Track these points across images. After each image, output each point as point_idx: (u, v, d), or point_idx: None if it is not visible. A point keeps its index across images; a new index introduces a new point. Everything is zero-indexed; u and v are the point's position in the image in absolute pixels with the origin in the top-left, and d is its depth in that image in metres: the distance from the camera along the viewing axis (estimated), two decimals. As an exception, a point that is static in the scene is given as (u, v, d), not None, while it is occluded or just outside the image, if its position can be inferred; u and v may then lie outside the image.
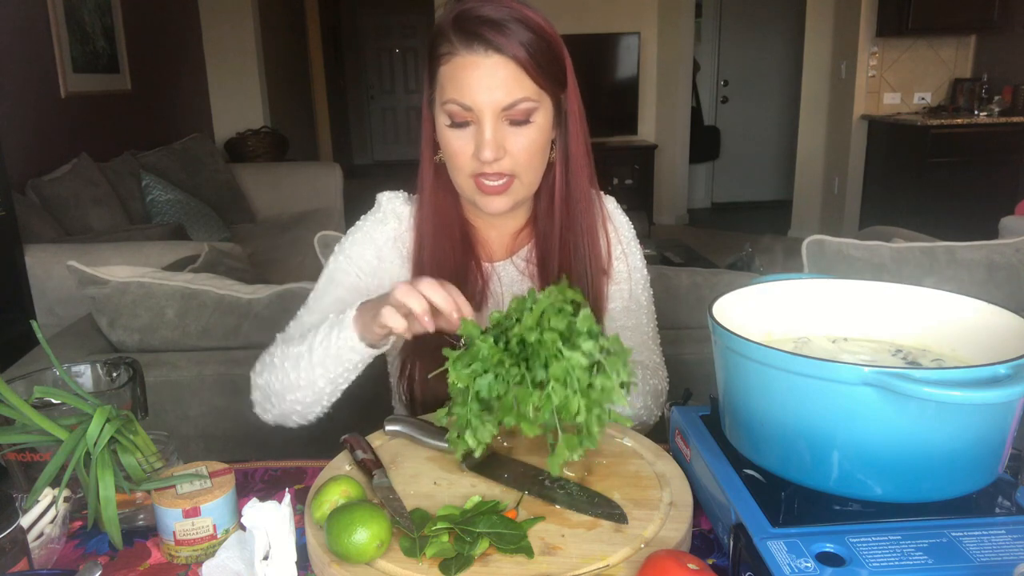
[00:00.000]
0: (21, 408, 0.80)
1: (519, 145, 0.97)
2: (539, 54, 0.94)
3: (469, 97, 0.94)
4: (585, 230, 1.08)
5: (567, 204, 1.06)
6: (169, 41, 4.99)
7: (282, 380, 0.97)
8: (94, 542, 0.83)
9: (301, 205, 4.68)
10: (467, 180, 1.00)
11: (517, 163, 0.98)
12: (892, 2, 4.92)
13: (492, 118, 0.94)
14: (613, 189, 5.82)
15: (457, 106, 0.95)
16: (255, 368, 1.04)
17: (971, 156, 4.72)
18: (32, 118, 3.34)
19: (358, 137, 10.11)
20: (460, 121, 0.96)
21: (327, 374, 0.94)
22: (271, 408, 1.02)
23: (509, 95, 0.94)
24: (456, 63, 0.94)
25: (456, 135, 0.97)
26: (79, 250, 2.55)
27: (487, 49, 0.92)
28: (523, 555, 0.69)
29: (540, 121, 0.97)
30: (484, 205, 1.01)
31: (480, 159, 0.96)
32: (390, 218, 1.11)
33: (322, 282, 1.10)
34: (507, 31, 0.92)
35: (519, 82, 0.94)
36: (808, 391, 0.67)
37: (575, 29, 5.57)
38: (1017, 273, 1.66)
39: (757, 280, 0.89)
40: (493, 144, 0.95)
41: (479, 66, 0.93)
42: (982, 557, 0.63)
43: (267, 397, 1.01)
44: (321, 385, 0.95)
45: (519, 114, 0.95)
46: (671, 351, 1.62)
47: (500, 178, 0.98)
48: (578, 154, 1.05)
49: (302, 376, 0.95)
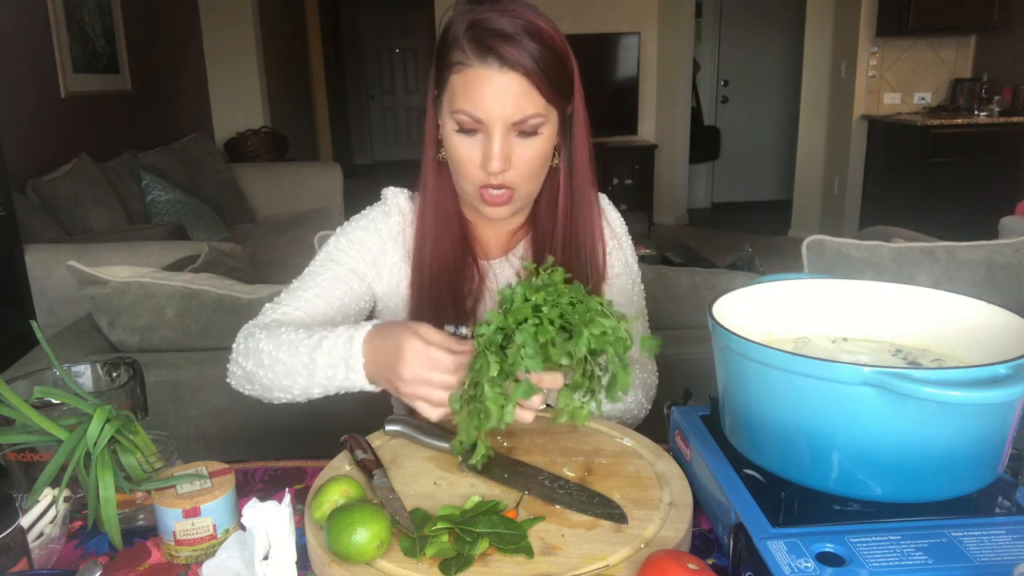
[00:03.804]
0: (21, 408, 0.80)
1: (525, 157, 0.98)
2: (550, 69, 0.95)
3: (481, 111, 0.94)
4: (586, 237, 1.08)
5: (571, 211, 1.07)
6: (169, 41, 4.99)
7: (271, 379, 0.95)
8: (94, 542, 0.83)
9: (301, 205, 4.68)
10: (473, 188, 1.00)
11: (519, 174, 0.99)
12: (892, 2, 4.92)
13: (501, 131, 0.95)
14: (613, 189, 5.82)
15: (467, 117, 0.95)
16: (238, 344, 1.00)
17: (971, 156, 4.72)
18: (32, 118, 3.34)
19: (358, 137, 10.11)
20: (469, 128, 0.97)
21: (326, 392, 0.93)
22: (251, 390, 1.00)
23: (520, 111, 0.94)
24: (469, 75, 0.94)
25: (463, 142, 0.98)
26: (79, 250, 2.55)
27: (501, 64, 0.92)
28: (523, 555, 0.69)
29: (547, 133, 0.99)
30: (486, 213, 1.03)
31: (487, 170, 0.96)
32: (394, 212, 1.12)
33: (320, 258, 1.09)
34: (521, 45, 0.92)
35: (530, 98, 0.94)
36: (808, 391, 0.67)
37: (575, 29, 5.57)
38: (1017, 273, 1.66)
39: (757, 280, 0.89)
40: (501, 156, 0.95)
41: (492, 80, 0.93)
42: (982, 557, 0.63)
43: (250, 381, 0.98)
44: (316, 393, 0.94)
45: (528, 128, 0.96)
46: (671, 351, 1.63)
47: (502, 189, 0.99)
48: (582, 162, 1.06)
49: (296, 386, 0.93)
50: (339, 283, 1.07)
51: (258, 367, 0.96)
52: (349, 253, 1.09)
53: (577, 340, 0.74)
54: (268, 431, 1.58)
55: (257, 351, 0.96)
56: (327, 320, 1.04)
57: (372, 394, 0.92)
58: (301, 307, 1.04)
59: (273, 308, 1.04)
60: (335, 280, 1.07)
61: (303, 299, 1.04)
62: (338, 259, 1.08)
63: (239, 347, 1.00)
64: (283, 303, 1.05)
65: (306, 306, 1.04)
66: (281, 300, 1.06)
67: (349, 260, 1.08)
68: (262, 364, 0.95)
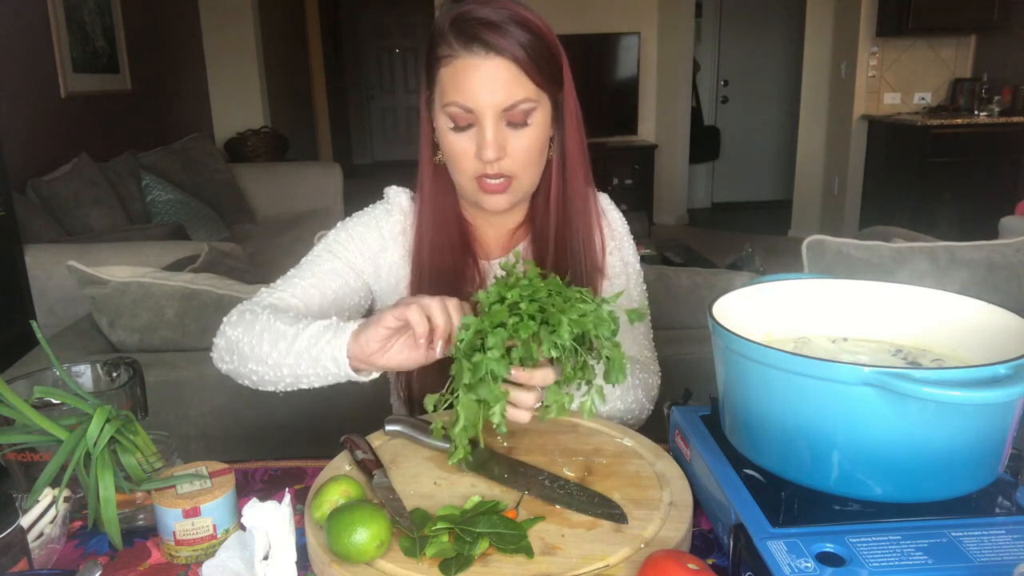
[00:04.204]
0: (21, 408, 0.80)
1: (519, 146, 0.98)
2: (537, 54, 0.95)
3: (471, 99, 0.95)
4: (581, 228, 1.09)
5: (563, 202, 1.08)
6: (169, 41, 4.99)
7: (252, 346, 0.94)
8: (94, 542, 0.83)
9: (301, 205, 4.68)
10: (470, 181, 1.01)
11: (516, 164, 0.99)
12: (892, 2, 4.92)
13: (493, 119, 0.95)
14: (613, 189, 5.82)
15: (458, 108, 0.96)
16: (231, 316, 1.00)
17: (971, 156, 4.72)
18: (32, 118, 3.34)
19: (358, 137, 10.10)
20: (463, 124, 0.97)
21: (297, 368, 0.91)
22: (229, 362, 0.99)
23: (510, 96, 0.95)
24: (456, 65, 0.95)
25: (458, 139, 0.98)
26: (79, 250, 2.55)
27: (487, 51, 0.93)
28: (523, 555, 0.69)
29: (539, 121, 0.99)
30: (485, 203, 1.02)
31: (482, 159, 0.97)
32: (396, 211, 1.12)
33: (318, 250, 1.09)
34: (506, 33, 0.93)
35: (519, 82, 0.95)
36: (808, 391, 0.67)
37: (575, 29, 5.57)
38: (1017, 273, 1.66)
39: (757, 280, 0.89)
40: (495, 144, 0.96)
41: (479, 68, 0.94)
42: (982, 557, 0.63)
43: (230, 351, 0.97)
44: (284, 373, 0.92)
45: (519, 116, 0.96)
46: (671, 351, 1.63)
47: (500, 178, 0.99)
48: (574, 152, 1.06)
49: (272, 354, 0.92)
50: (335, 276, 1.07)
51: (245, 333, 0.95)
52: (348, 247, 1.09)
53: (559, 329, 0.75)
54: (268, 431, 1.58)
55: (250, 323, 0.96)
56: (321, 311, 1.04)
57: (372, 394, 0.92)
58: (297, 294, 1.03)
59: (269, 292, 1.04)
60: (331, 272, 1.07)
61: (299, 287, 1.04)
62: (336, 252, 1.08)
63: (231, 319, 0.99)
64: (279, 288, 1.04)
65: (302, 294, 1.03)
66: (277, 286, 1.05)
67: (347, 255, 1.08)
68: (251, 328, 0.95)
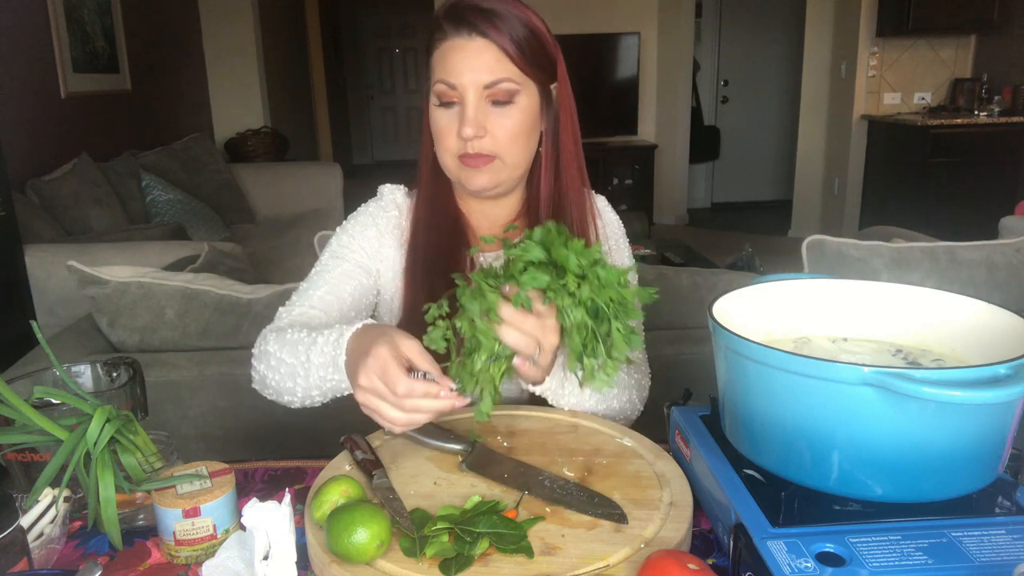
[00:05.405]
0: (21, 408, 0.80)
1: (502, 127, 1.01)
2: (524, 41, 0.99)
3: (454, 76, 0.99)
4: (574, 223, 1.09)
5: (557, 196, 1.09)
6: (169, 41, 4.99)
7: (277, 382, 0.95)
8: (94, 542, 0.83)
9: (301, 205, 4.68)
10: (452, 159, 1.04)
11: (498, 144, 1.02)
12: (892, 2, 4.92)
13: (475, 96, 0.99)
14: (613, 189, 5.82)
15: (444, 85, 1.00)
16: (255, 349, 1.00)
17: (971, 156, 4.72)
18: (32, 118, 3.34)
19: (358, 137, 10.11)
20: (446, 101, 1.01)
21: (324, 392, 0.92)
22: (269, 395, 1.00)
23: (491, 74, 0.99)
24: (445, 47, 1.01)
25: (442, 114, 1.02)
26: (79, 250, 2.55)
27: (472, 32, 0.99)
28: (523, 555, 0.69)
29: (524, 104, 1.02)
30: (467, 181, 1.04)
31: (462, 136, 1.00)
32: (391, 207, 1.14)
33: (325, 258, 1.10)
34: (494, 17, 0.98)
35: (501, 64, 0.99)
36: (808, 391, 0.67)
37: (575, 29, 5.56)
38: (1017, 273, 1.66)
39: (757, 280, 0.89)
40: (474, 122, 0.99)
41: (465, 48, 0.99)
42: (982, 557, 0.63)
43: (264, 385, 0.99)
44: (315, 395, 0.94)
45: (501, 94, 1.00)
46: (671, 351, 1.63)
47: (480, 157, 1.02)
48: (568, 145, 1.08)
49: (297, 391, 0.94)
50: (348, 279, 1.07)
51: (268, 370, 0.96)
52: (352, 248, 1.10)
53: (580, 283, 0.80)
54: (268, 431, 1.58)
55: (266, 353, 0.96)
56: (343, 316, 1.05)
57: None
58: (315, 305, 1.04)
59: (287, 311, 1.04)
60: (344, 276, 1.07)
61: (316, 297, 1.04)
62: (343, 256, 1.09)
63: (256, 351, 1.00)
64: (296, 305, 1.04)
65: (320, 304, 1.04)
66: (293, 302, 1.05)
67: (354, 255, 1.09)
68: (270, 366, 0.95)
